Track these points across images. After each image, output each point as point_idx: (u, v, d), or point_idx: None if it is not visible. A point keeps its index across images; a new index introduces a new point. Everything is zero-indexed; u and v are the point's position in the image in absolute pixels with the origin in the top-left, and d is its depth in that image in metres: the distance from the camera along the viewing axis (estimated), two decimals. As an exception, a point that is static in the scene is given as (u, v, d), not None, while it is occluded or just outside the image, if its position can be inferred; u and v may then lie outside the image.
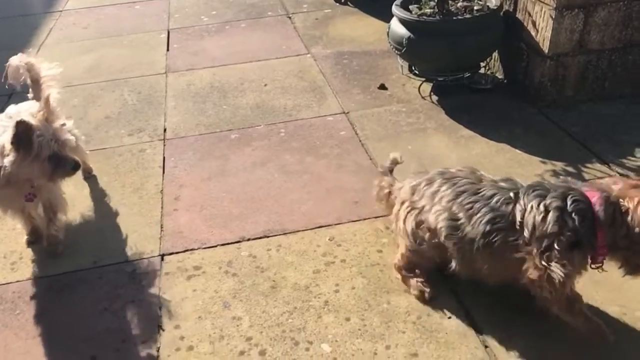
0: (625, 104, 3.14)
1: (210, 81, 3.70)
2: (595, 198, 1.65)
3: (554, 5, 2.88)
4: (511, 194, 1.78)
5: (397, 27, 3.21)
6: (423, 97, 3.33)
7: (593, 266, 1.74)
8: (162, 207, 2.54)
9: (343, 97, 3.40)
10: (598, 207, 1.63)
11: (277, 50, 4.08)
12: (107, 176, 2.80)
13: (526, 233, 1.68)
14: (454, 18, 3.07)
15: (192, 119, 3.27)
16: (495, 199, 1.78)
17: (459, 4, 3.22)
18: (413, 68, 3.42)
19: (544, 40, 3.02)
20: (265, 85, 3.60)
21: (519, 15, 3.19)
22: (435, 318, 1.92)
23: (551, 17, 2.92)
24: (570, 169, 2.63)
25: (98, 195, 2.66)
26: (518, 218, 1.71)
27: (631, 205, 1.60)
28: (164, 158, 2.91)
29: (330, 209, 2.48)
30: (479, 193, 1.82)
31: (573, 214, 1.64)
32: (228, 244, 2.31)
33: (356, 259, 2.20)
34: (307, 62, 3.89)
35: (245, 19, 4.69)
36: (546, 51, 3.01)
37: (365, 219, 2.41)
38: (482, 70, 3.46)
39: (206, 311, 2.01)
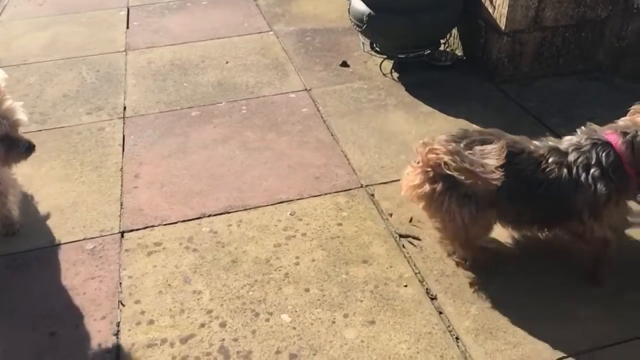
0: (579, 80, 3.24)
1: (171, 59, 3.65)
2: (615, 140, 1.78)
3: (510, -18, 2.93)
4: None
5: (357, 4, 3.21)
6: (384, 74, 3.36)
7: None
8: (121, 185, 2.53)
9: (305, 74, 3.40)
10: (624, 150, 1.77)
11: (239, 28, 4.04)
12: (66, 154, 2.75)
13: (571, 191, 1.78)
14: (414, -5, 3.09)
15: (152, 97, 3.23)
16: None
17: (419, -19, 3.24)
18: (375, 45, 3.44)
19: (500, 17, 3.07)
20: (227, 62, 3.58)
21: (477, -8, 3.24)
22: (392, 287, 1.98)
23: (507, -7, 2.97)
24: (524, 142, 2.70)
25: (56, 174, 2.62)
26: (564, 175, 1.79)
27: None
28: (123, 136, 2.88)
29: (292, 185, 2.50)
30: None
31: (604, 164, 1.76)
32: (189, 220, 2.32)
33: (316, 233, 2.23)
34: (269, 40, 3.87)
35: (207, -4, 4.62)
36: (503, 28, 3.07)
37: (326, 194, 2.44)
38: (442, 47, 3.51)
39: (167, 286, 2.02)
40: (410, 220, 2.26)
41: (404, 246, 2.15)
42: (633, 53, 3.32)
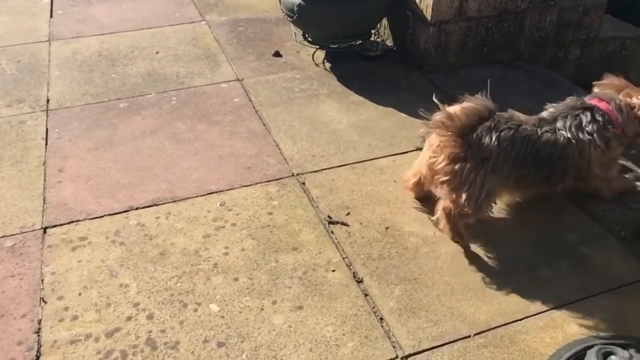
0: (502, 69, 3.37)
1: (99, 49, 3.54)
2: (605, 106, 2.09)
3: (435, -26, 3.02)
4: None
5: (288, -6, 3.22)
6: (316, 64, 3.39)
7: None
8: (44, 180, 2.44)
9: (237, 65, 3.39)
10: (615, 111, 2.09)
11: (170, 18, 3.97)
12: (-16, 150, 2.64)
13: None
14: (343, -15, 3.13)
15: (78, 89, 3.13)
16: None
17: (348, -28, 3.28)
18: (307, 35, 3.46)
19: (427, 7, 3.16)
20: (157, 53, 3.51)
21: (405, -16, 3.32)
22: (320, 272, 2.02)
23: (432, -15, 3.06)
24: (449, 129, 2.80)
25: (-27, 170, 2.51)
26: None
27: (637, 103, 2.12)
28: (47, 129, 2.78)
29: (222, 175, 2.49)
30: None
31: (599, 120, 2.07)
32: (115, 213, 2.28)
33: (246, 222, 2.24)
34: (201, 30, 3.82)
35: (136, -15, 4.50)
36: (429, 18, 3.16)
37: (257, 184, 2.45)
38: (373, 38, 3.58)
39: (92, 281, 1.98)
40: (348, 215, 2.31)
41: (332, 232, 2.19)
42: (551, 43, 3.49)
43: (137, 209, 2.30)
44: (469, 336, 1.78)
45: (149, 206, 2.31)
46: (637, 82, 2.34)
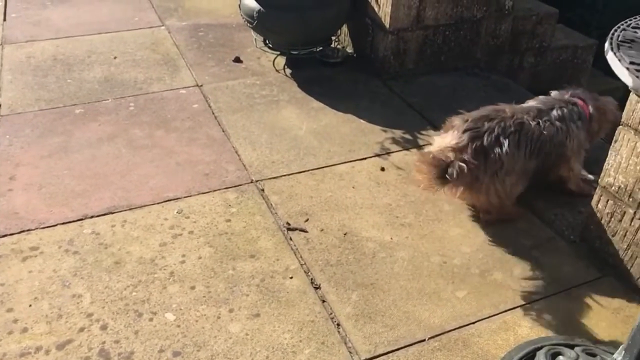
0: (459, 76, 3.45)
1: (54, 54, 3.46)
2: (583, 104, 2.35)
3: (392, -17, 3.07)
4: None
5: (247, 1, 3.22)
6: (277, 70, 3.40)
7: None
8: (-5, 188, 2.38)
9: (197, 70, 3.36)
10: (592, 111, 2.36)
11: (128, 22, 3.91)
12: None
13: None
14: (302, -8, 3.15)
15: (31, 94, 3.05)
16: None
17: (308, -21, 3.30)
18: (267, 41, 3.46)
19: (385, 15, 3.21)
20: (115, 58, 3.45)
21: (364, -8, 3.36)
22: (278, 279, 2.02)
23: (390, -7, 3.10)
24: (407, 136, 2.85)
25: None
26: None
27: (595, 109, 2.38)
28: (-3, 136, 2.71)
29: (180, 182, 2.47)
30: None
31: (582, 117, 2.33)
32: (69, 222, 2.23)
33: (204, 230, 2.23)
34: (160, 35, 3.78)
35: (94, -12, 4.42)
36: (388, 26, 3.21)
37: (215, 190, 2.44)
38: (333, 45, 3.60)
39: (43, 292, 1.93)
40: (307, 221, 2.31)
41: (291, 239, 2.20)
42: (507, 51, 3.59)
43: (92, 217, 2.26)
44: (424, 340, 1.81)
45: (104, 214, 2.27)
46: (588, 90, 2.49)
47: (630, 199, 1.97)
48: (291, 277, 2.03)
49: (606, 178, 2.06)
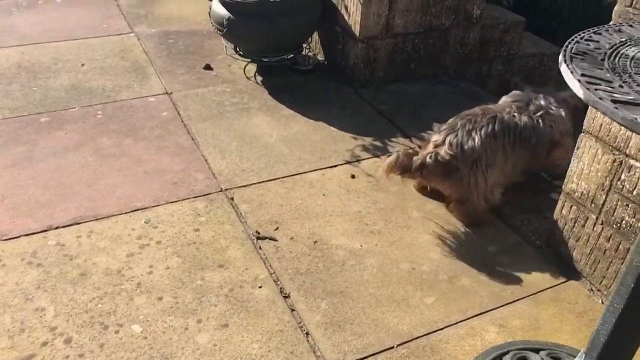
0: (429, 84, 3.49)
1: (19, 61, 3.40)
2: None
3: (362, -9, 3.09)
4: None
5: (218, 8, 3.21)
6: (248, 78, 3.39)
7: None
8: (-45, 200, 2.32)
9: (167, 78, 3.34)
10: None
11: (97, 29, 3.86)
12: None
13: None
14: (272, 0, 3.15)
15: (-5, 102, 2.99)
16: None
17: (279, -13, 3.31)
18: (238, 49, 3.46)
19: (355, 24, 3.23)
20: (83, 65, 3.40)
21: (334, 0, 3.38)
22: (247, 289, 2.01)
23: (360, 2, 3.13)
24: (378, 143, 2.87)
25: None
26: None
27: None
28: (-41, 146, 2.64)
29: (148, 192, 2.44)
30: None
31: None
32: (33, 234, 2.18)
33: (172, 240, 2.20)
34: (130, 42, 3.74)
35: (62, -5, 4.36)
36: (358, 35, 3.23)
37: (184, 200, 2.42)
38: (304, 52, 3.62)
39: (5, 306, 1.88)
40: (277, 230, 2.31)
41: (260, 248, 2.19)
42: (475, 59, 3.65)
43: (57, 228, 2.21)
44: (393, 347, 1.82)
45: (69, 225, 2.23)
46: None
47: (593, 205, 2.02)
48: (260, 287, 2.02)
49: (569, 185, 2.10)
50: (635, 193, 1.85)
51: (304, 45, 3.59)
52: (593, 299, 2.03)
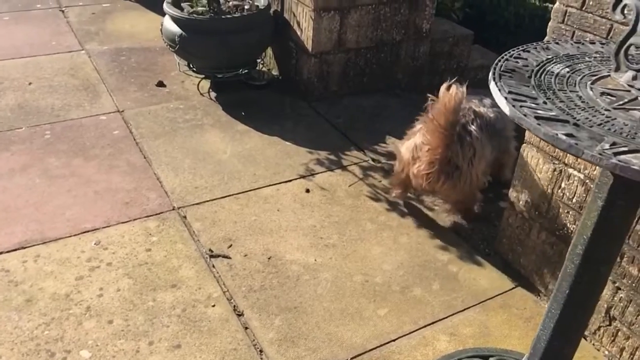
0: (382, 97, 3.54)
1: (-38, 80, 3.30)
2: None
3: (312, 7, 3.13)
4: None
5: (169, 25, 3.20)
6: (202, 94, 3.38)
7: None
8: None
9: (118, 95, 3.29)
10: None
11: (45, 46, 3.78)
12: None
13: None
14: (224, 17, 3.15)
15: (-64, 124, 2.89)
16: None
17: (230, 3, 3.32)
18: (191, 65, 3.44)
19: (307, 39, 3.26)
20: (30, 84, 3.32)
21: (286, 16, 3.41)
22: (200, 308, 1.99)
23: (311, 18, 3.17)
24: (332, 156, 2.89)
25: None
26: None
27: None
28: None
29: (98, 212, 2.39)
30: None
31: None
32: (-24, 259, 2.11)
33: (123, 261, 2.16)
34: (80, 59, 3.67)
35: (8, 11, 4.26)
36: (310, 49, 3.26)
37: (135, 219, 2.38)
38: (258, 67, 3.63)
39: (-55, 336, 1.82)
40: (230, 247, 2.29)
41: (214, 266, 2.17)
42: (426, 72, 3.73)
43: (1, 253, 2.15)
44: (346, 361, 1.83)
45: (14, 250, 2.17)
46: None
47: (536, 213, 2.09)
48: (213, 305, 2.00)
49: (514, 193, 2.17)
50: (574, 200, 1.93)
51: (258, 61, 3.60)
52: (540, 304, 2.09)
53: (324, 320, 1.97)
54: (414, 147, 2.33)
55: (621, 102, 1.06)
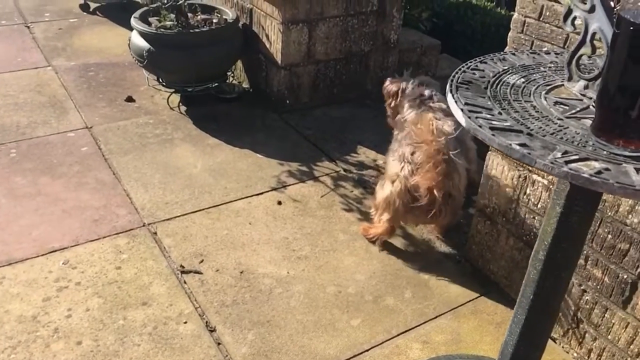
0: (352, 107, 3.57)
1: None
2: None
3: (281, 20, 3.15)
4: None
5: (137, 40, 3.18)
6: (172, 108, 3.36)
7: None
8: None
9: (87, 111, 3.25)
10: None
11: (10, 63, 3.73)
12: None
13: None
14: (192, 31, 3.15)
15: None
16: None
17: (199, 17, 3.32)
18: (161, 79, 3.42)
19: (276, 51, 3.28)
20: (-5, 102, 3.27)
21: (255, 29, 3.42)
22: (172, 325, 1.97)
23: (280, 30, 3.18)
24: (303, 168, 2.90)
25: None
26: None
27: None
28: None
29: (66, 231, 2.36)
30: None
31: None
32: (-62, 283, 2.06)
33: (92, 280, 2.13)
34: (47, 75, 3.62)
35: (-28, 28, 4.19)
36: (280, 62, 3.28)
37: (105, 237, 2.35)
38: (229, 80, 3.63)
39: None
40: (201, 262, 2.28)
41: (185, 282, 2.16)
42: (396, 82, 3.77)
43: (-35, 276, 2.10)
44: (320, 373, 1.83)
45: (-21, 272, 2.12)
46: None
47: (504, 219, 2.12)
48: (185, 322, 1.98)
49: (482, 200, 2.20)
50: (539, 206, 1.97)
51: (229, 73, 3.61)
52: (510, 308, 2.11)
53: (297, 332, 1.97)
54: (408, 187, 2.21)
55: (573, 111, 1.09)
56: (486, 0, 4.69)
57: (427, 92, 2.47)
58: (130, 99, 3.41)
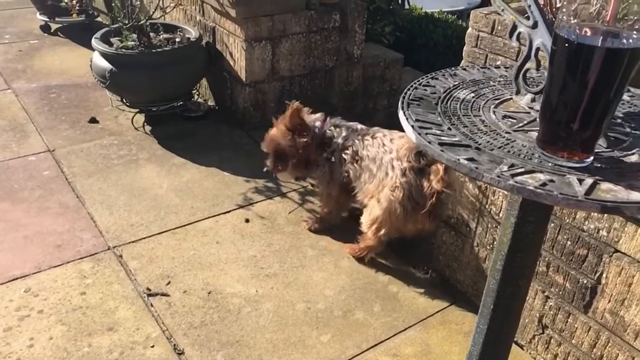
0: (319, 122, 3.59)
1: None
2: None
3: (244, 38, 3.16)
4: None
5: (99, 60, 3.15)
6: (136, 128, 3.33)
7: None
8: None
9: (49, 134, 3.20)
10: None
11: (-32, 87, 3.65)
12: None
13: None
14: (154, 50, 3.14)
15: None
16: None
17: (161, 36, 3.31)
18: (124, 100, 3.39)
19: (241, 69, 3.28)
20: (-48, 127, 3.19)
21: (219, 47, 3.42)
22: (139, 350, 1.93)
23: (243, 48, 3.19)
24: (270, 184, 2.90)
25: None
26: None
27: None
28: None
29: (28, 258, 2.30)
30: None
31: None
32: None
33: (56, 307, 2.08)
34: (6, 99, 3.56)
35: None
36: (244, 79, 3.28)
37: (68, 262, 2.30)
38: (194, 98, 3.61)
39: None
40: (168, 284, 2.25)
41: (152, 305, 2.12)
42: (361, 96, 3.81)
43: None
44: (290, 392, 1.82)
45: (-64, 304, 2.05)
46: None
47: (468, 229, 2.15)
48: (152, 346, 1.95)
49: (446, 211, 2.23)
50: (501, 215, 2.00)
51: (194, 92, 3.59)
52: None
53: (267, 352, 1.96)
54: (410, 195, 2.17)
55: (521, 124, 1.12)
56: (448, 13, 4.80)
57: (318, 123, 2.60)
58: (93, 120, 3.37)
